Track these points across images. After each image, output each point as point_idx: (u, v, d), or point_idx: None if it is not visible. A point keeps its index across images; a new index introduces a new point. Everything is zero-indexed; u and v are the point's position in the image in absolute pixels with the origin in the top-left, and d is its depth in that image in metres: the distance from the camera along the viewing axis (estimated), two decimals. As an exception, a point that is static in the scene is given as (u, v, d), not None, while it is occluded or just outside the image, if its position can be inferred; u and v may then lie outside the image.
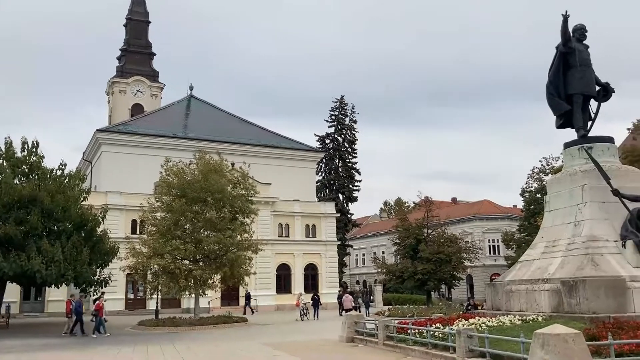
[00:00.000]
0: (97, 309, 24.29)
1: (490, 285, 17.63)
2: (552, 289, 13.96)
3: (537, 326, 10.75)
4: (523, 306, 14.99)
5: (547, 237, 16.16)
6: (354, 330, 18.03)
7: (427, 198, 50.55)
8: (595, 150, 15.72)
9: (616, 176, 15.02)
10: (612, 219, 14.67)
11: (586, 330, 10.64)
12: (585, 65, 16.35)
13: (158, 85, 72.14)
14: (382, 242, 77.12)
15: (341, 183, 64.20)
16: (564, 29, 16.04)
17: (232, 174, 31.04)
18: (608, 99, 16.79)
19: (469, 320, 14.11)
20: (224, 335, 22.91)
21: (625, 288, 12.97)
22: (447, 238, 47.30)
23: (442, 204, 77.47)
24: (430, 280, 45.01)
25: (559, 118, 16.99)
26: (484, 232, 65.65)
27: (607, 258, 13.84)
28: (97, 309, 24.33)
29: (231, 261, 28.57)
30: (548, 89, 16.77)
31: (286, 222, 48.93)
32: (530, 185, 48.76)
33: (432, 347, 13.38)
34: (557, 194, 16.34)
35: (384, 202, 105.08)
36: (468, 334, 11.67)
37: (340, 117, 65.96)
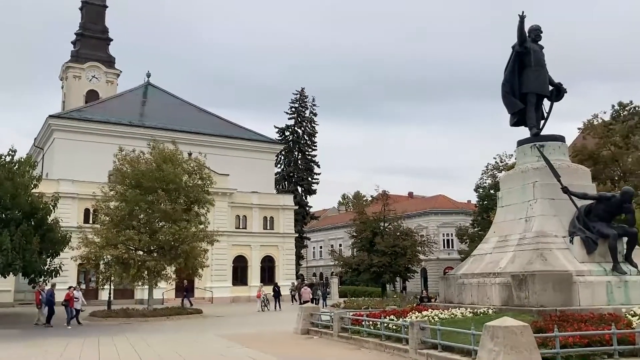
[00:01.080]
0: (67, 299, 23.83)
1: (443, 278, 17.96)
2: (502, 282, 14.32)
3: (487, 319, 11.01)
4: (475, 299, 15.34)
5: (499, 232, 16.56)
6: (309, 322, 18.12)
7: (385, 192, 51.20)
8: (546, 149, 16.16)
9: (566, 174, 15.48)
10: (561, 216, 15.14)
11: (534, 323, 10.97)
12: (539, 65, 16.75)
13: (114, 72, 70.34)
14: (339, 235, 77.61)
15: (300, 176, 64.20)
16: (520, 29, 16.37)
17: (188, 164, 30.63)
18: (560, 99, 17.26)
19: (422, 312, 14.38)
20: (177, 327, 22.67)
21: (571, 282, 13.41)
22: (402, 232, 48.06)
23: (399, 198, 78.53)
24: (386, 273, 45.68)
25: (513, 116, 17.39)
26: (438, 227, 66.85)
27: (556, 253, 14.28)
28: (67, 299, 23.88)
29: (186, 252, 28.26)
30: (504, 87, 17.13)
31: (244, 213, 48.66)
32: (484, 181, 49.88)
33: (385, 338, 13.56)
34: (510, 190, 16.76)
35: (343, 196, 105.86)
36: (421, 326, 11.87)
37: (300, 110, 65.86)
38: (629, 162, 33.19)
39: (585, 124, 37.07)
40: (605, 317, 11.64)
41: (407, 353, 11.98)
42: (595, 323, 11.12)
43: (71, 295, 23.96)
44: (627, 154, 33.48)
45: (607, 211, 14.63)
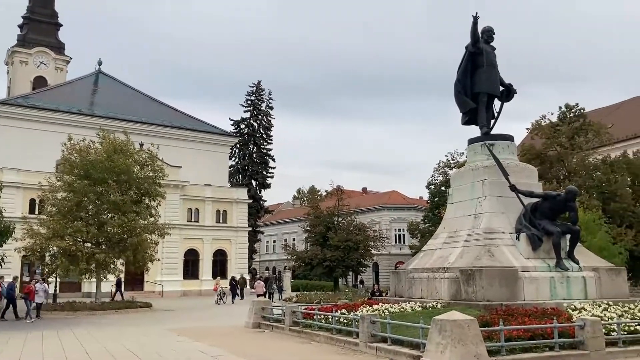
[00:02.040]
0: (26, 292, 23.12)
1: (394, 273, 18.19)
2: (451, 277, 14.61)
3: (436, 313, 11.22)
4: (424, 293, 15.60)
5: (449, 228, 16.88)
6: (260, 316, 18.09)
7: (339, 187, 51.49)
8: (496, 148, 16.54)
9: (514, 172, 15.90)
10: (509, 213, 15.53)
11: (480, 317, 11.22)
12: (491, 65, 17.07)
13: (64, 59, 68.12)
14: (293, 230, 77.60)
15: (255, 169, 63.85)
16: (474, 30, 16.67)
17: (140, 155, 30.00)
18: (510, 99, 17.66)
19: (373, 306, 14.51)
20: (126, 321, 22.24)
21: (517, 278, 13.80)
22: (356, 226, 48.49)
23: (353, 194, 79.15)
24: (339, 267, 46.00)
25: (464, 115, 17.71)
26: (391, 222, 67.71)
27: (503, 249, 14.65)
28: (26, 291, 23.18)
29: (135, 245, 27.70)
30: (456, 86, 17.41)
31: (196, 206, 48.08)
32: (436, 178, 50.69)
33: (336, 332, 13.66)
34: (460, 187, 17.10)
35: (298, 190, 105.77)
36: (371, 319, 12.01)
37: (256, 103, 65.44)
38: (573, 162, 34.37)
39: (534, 125, 38.15)
40: (548, 311, 12.04)
41: (358, 346, 12.10)
42: (538, 317, 11.49)
43: (31, 289, 23.26)
44: (572, 154, 34.66)
45: (552, 209, 15.10)
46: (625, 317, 12.08)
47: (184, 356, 12.16)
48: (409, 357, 10.42)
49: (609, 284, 14.83)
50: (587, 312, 12.24)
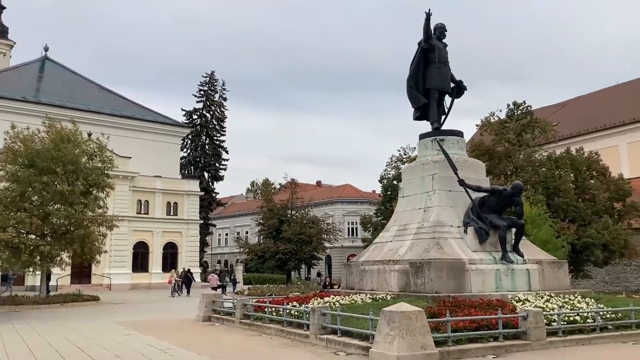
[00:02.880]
0: None
1: (345, 265, 18.34)
2: (401, 269, 14.84)
3: (386, 304, 11.36)
4: (375, 285, 15.80)
5: (400, 221, 17.13)
6: (211, 309, 17.93)
7: (293, 180, 51.50)
8: (446, 143, 16.88)
9: (463, 167, 16.27)
10: (457, 207, 15.90)
11: (428, 309, 11.45)
12: (443, 62, 17.39)
13: (7, 43, 65.58)
14: (246, 222, 77.16)
15: (207, 161, 63.09)
16: (426, 26, 16.91)
17: (88, 144, 29.15)
18: (461, 96, 18.03)
19: (324, 298, 14.59)
20: (72, 314, 21.65)
21: (464, 270, 14.15)
22: (309, 219, 48.64)
23: (307, 187, 79.33)
24: (291, 260, 46.07)
25: (416, 110, 17.98)
26: (344, 215, 68.18)
27: (451, 242, 14.98)
28: None
29: (82, 237, 26.95)
30: (408, 82, 17.65)
31: (146, 198, 47.20)
32: (388, 172, 51.26)
33: (287, 324, 13.69)
34: (411, 182, 17.38)
35: (251, 183, 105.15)
36: (322, 311, 12.07)
37: (209, 93, 64.60)
38: (520, 158, 35.34)
39: (483, 121, 39.01)
40: (494, 302, 12.37)
41: (308, 338, 12.16)
42: (484, 308, 11.79)
43: None
44: (519, 150, 35.62)
45: (498, 203, 15.52)
46: (566, 308, 12.55)
47: (131, 349, 11.94)
48: (358, 349, 10.54)
49: (551, 276, 15.39)
50: (531, 303, 12.65)
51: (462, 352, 10.08)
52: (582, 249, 31.30)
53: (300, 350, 11.31)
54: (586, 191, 33.77)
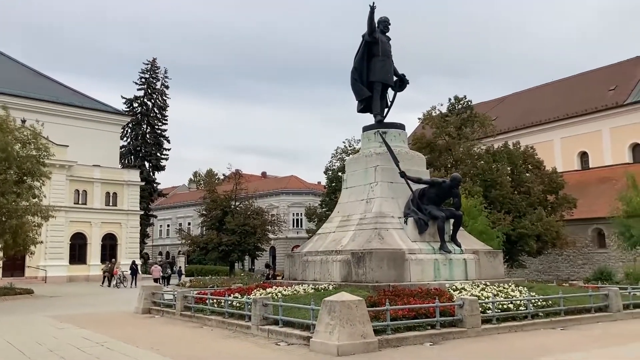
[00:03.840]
0: None
1: (288, 256, 18.36)
2: (343, 259, 15.00)
3: (327, 294, 11.46)
4: (317, 276, 15.91)
5: (343, 212, 17.29)
6: (151, 302, 17.60)
7: (237, 171, 51.01)
8: (388, 135, 17.13)
9: (404, 160, 16.56)
10: (398, 198, 16.19)
11: (369, 298, 11.64)
12: (386, 55, 17.58)
13: None
14: (188, 213, 76.02)
15: (148, 150, 61.66)
16: (370, 19, 17.04)
17: (22, 132, 27.90)
18: (403, 89, 18.28)
19: (267, 289, 14.59)
20: (4, 309, 20.74)
21: (404, 260, 14.45)
22: (253, 211, 48.37)
23: (252, 178, 78.73)
24: (235, 252, 45.74)
25: (360, 103, 18.13)
26: (289, 206, 68.23)
27: (392, 233, 15.26)
28: None
29: (14, 228, 25.81)
30: (353, 74, 17.75)
31: (84, 188, 45.75)
32: (333, 164, 51.58)
33: (228, 316, 13.59)
34: (354, 173, 17.56)
35: (194, 173, 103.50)
36: (263, 302, 12.06)
37: (151, 81, 63.05)
38: (460, 151, 36.33)
39: (425, 115, 39.86)
40: (432, 291, 12.70)
41: (249, 329, 12.12)
42: (422, 297, 12.09)
43: None
44: (459, 144, 36.61)
45: (438, 195, 15.90)
46: (500, 296, 13.04)
47: (66, 344, 11.57)
48: (300, 339, 10.59)
49: (487, 265, 15.93)
50: (467, 292, 13.06)
51: (400, 340, 10.30)
52: (517, 240, 32.57)
53: (242, 342, 11.27)
54: (522, 184, 35.11)
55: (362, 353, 9.42)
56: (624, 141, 45.59)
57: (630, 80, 47.59)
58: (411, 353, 9.64)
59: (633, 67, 49.01)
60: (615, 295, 14.18)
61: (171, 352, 10.24)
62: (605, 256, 39.40)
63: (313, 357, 9.39)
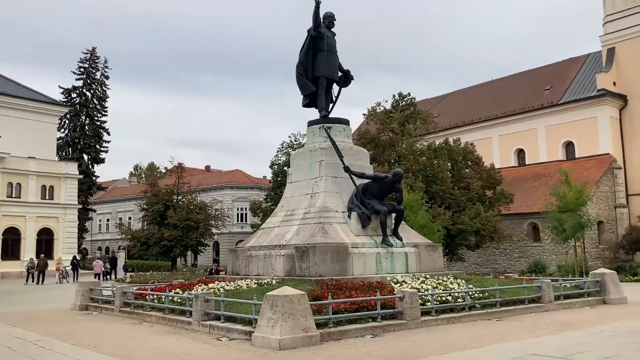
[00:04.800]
0: None
1: (231, 251, 18.22)
2: (287, 254, 15.02)
3: (270, 289, 11.45)
4: (261, 271, 15.87)
5: (287, 207, 17.30)
6: (88, 298, 17.11)
7: (180, 164, 50.16)
8: (333, 130, 17.24)
9: (349, 155, 16.74)
10: (342, 193, 16.34)
11: (312, 292, 11.71)
12: (331, 51, 17.65)
13: None
14: (129, 208, 74.16)
15: (87, 142, 59.71)
16: (316, 14, 17.05)
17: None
18: (348, 85, 18.42)
19: (209, 284, 14.44)
20: None
21: (347, 254, 14.60)
22: (196, 205, 47.72)
23: (196, 171, 77.64)
24: (177, 247, 45.03)
25: (305, 97, 18.15)
26: (233, 201, 67.61)
27: (335, 227, 15.39)
28: None
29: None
30: (298, 69, 17.75)
31: (18, 181, 43.89)
32: (279, 158, 51.50)
33: (169, 312, 13.38)
34: (299, 167, 17.59)
35: (135, 166, 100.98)
36: (205, 297, 11.92)
37: (90, 71, 60.99)
38: (403, 147, 37.01)
39: (370, 111, 40.36)
40: (374, 284, 12.90)
41: (191, 325, 11.98)
42: (364, 290, 12.26)
43: None
44: (402, 140, 37.29)
45: (380, 190, 16.16)
46: (439, 288, 13.38)
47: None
48: (242, 334, 10.54)
49: (427, 258, 16.30)
50: (408, 284, 13.34)
51: (342, 333, 10.41)
52: (457, 234, 33.50)
53: (182, 337, 11.11)
54: (461, 179, 36.11)
55: (304, 347, 9.47)
56: (558, 139, 47.54)
57: (565, 81, 49.63)
58: (352, 345, 9.75)
59: (567, 68, 51.12)
60: (547, 287, 14.82)
61: (109, 349, 9.98)
62: (539, 249, 41.08)
63: (254, 351, 9.36)
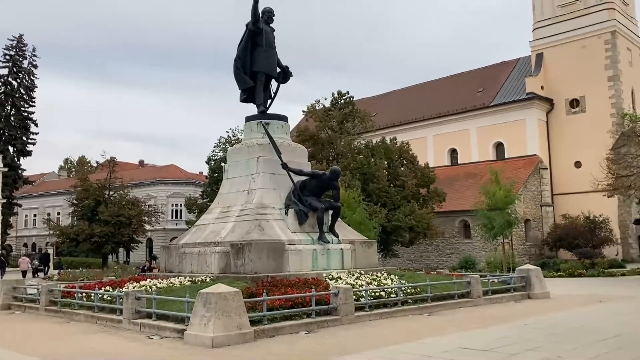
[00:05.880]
0: None
1: (165, 248, 17.83)
2: (222, 251, 14.84)
3: (204, 286, 11.29)
4: (195, 268, 15.61)
5: (223, 203, 17.09)
6: (11, 297, 16.32)
7: (113, 158, 48.68)
8: (271, 126, 17.16)
9: (287, 151, 16.69)
10: (280, 189, 16.30)
11: (247, 289, 11.64)
12: (270, 46, 17.55)
13: None
14: (58, 203, 71.18)
15: (13, 134, 56.94)
16: (254, 9, 16.91)
17: None
18: (287, 81, 18.37)
19: (140, 282, 14.08)
20: None
21: (283, 250, 14.59)
22: (129, 201, 46.51)
23: (129, 166, 75.51)
24: (108, 243, 43.74)
25: (243, 92, 17.96)
26: (168, 197, 66.18)
27: (272, 224, 15.34)
28: None
29: None
30: (236, 63, 17.55)
31: None
32: (216, 154, 50.81)
33: (99, 310, 12.97)
34: (236, 163, 17.40)
35: (65, 160, 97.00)
36: (136, 295, 11.62)
37: (16, 59, 58.13)
38: (341, 145, 37.36)
39: (309, 108, 40.50)
40: (310, 281, 12.97)
41: (121, 323, 11.64)
42: (300, 287, 12.29)
43: None
44: (341, 137, 37.64)
45: (318, 187, 16.21)
46: (373, 284, 13.60)
47: None
48: (174, 332, 10.35)
49: (362, 255, 16.51)
50: (343, 280, 13.48)
51: (276, 330, 10.40)
52: (392, 231, 34.17)
53: (112, 336, 10.78)
54: (397, 178, 36.82)
55: (238, 344, 9.40)
56: (489, 140, 49.30)
57: (496, 84, 51.49)
58: (286, 342, 9.76)
59: (499, 71, 53.04)
60: (476, 282, 15.35)
61: (32, 350, 9.57)
62: (470, 246, 42.49)
63: (186, 349, 9.21)
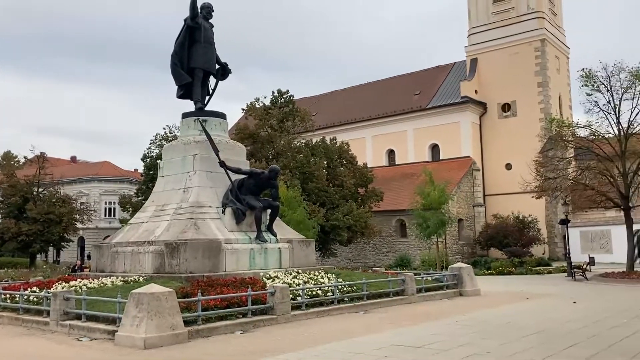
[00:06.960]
0: None
1: (96, 247, 17.27)
2: (156, 250, 14.51)
3: (137, 286, 11.01)
4: (127, 267, 15.20)
5: (158, 201, 16.71)
6: None
7: (42, 154, 46.68)
8: (209, 124, 16.93)
9: (225, 149, 16.52)
10: (217, 188, 16.11)
11: (181, 289, 11.43)
12: (208, 42, 17.33)
13: None
14: (-19, 199, 67.49)
15: None
16: (193, 4, 16.66)
17: None
18: (225, 78, 18.19)
19: (70, 282, 13.57)
20: None
21: (220, 250, 14.42)
22: (59, 198, 44.77)
23: (60, 162, 72.61)
24: (36, 242, 41.94)
25: (180, 88, 17.67)
26: (101, 194, 64.06)
27: (209, 223, 15.13)
28: None
29: None
30: (173, 58, 17.23)
31: None
32: (152, 151, 49.57)
33: (24, 312, 12.42)
34: (171, 161, 17.05)
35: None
36: (65, 296, 11.19)
37: (-63, 47, 54.72)
38: (281, 144, 37.27)
39: (248, 106, 40.14)
40: (246, 280, 12.87)
41: (48, 325, 11.19)
42: (236, 286, 12.19)
43: None
44: (281, 136, 37.56)
45: (256, 185, 16.16)
46: (310, 283, 13.68)
47: None
48: (104, 333, 10.04)
49: (300, 254, 16.57)
50: (280, 279, 13.48)
51: (211, 330, 10.28)
52: (330, 230, 34.42)
53: (38, 338, 10.35)
54: (336, 177, 37.13)
55: (171, 345, 9.23)
56: (425, 141, 50.49)
57: (433, 87, 52.79)
58: (220, 342, 9.66)
59: (435, 75, 54.41)
60: (411, 280, 15.70)
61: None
62: (406, 245, 43.36)
63: (117, 351, 8.95)
